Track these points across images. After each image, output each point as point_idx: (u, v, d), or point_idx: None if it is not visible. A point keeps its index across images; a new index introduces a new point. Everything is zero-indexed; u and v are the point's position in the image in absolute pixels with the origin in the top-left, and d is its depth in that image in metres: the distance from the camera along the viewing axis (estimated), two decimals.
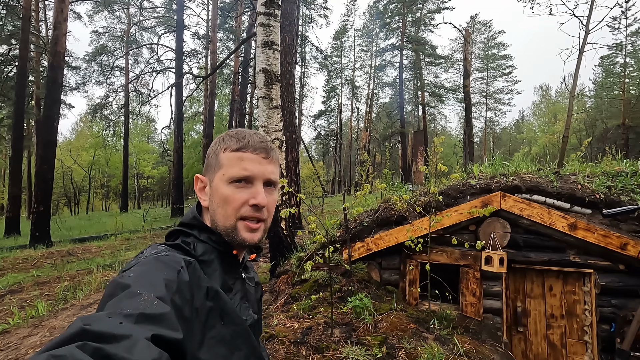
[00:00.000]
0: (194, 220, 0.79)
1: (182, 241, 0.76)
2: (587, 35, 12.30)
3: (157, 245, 0.72)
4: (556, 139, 28.75)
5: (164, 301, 0.55)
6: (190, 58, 25.17)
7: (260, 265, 5.44)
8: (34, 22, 18.99)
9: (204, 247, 0.76)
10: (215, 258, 0.76)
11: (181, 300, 0.59)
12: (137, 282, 0.57)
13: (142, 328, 0.49)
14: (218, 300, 0.69)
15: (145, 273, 0.60)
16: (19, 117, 13.91)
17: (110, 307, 0.52)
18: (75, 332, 0.45)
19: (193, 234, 0.78)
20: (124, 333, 0.46)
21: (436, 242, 3.31)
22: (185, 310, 0.59)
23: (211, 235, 0.77)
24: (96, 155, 32.25)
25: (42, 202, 10.23)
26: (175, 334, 0.52)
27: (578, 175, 3.31)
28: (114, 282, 0.58)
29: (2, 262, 7.74)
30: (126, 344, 0.45)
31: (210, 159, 0.81)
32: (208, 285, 0.68)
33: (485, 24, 35.08)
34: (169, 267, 0.63)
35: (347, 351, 2.24)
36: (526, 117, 48.06)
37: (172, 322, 0.53)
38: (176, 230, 0.80)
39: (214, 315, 0.67)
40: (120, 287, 0.56)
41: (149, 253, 0.69)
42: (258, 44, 3.67)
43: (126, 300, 0.53)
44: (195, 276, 0.66)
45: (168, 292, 0.57)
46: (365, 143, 31.84)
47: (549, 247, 3.18)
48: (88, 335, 0.44)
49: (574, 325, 3.19)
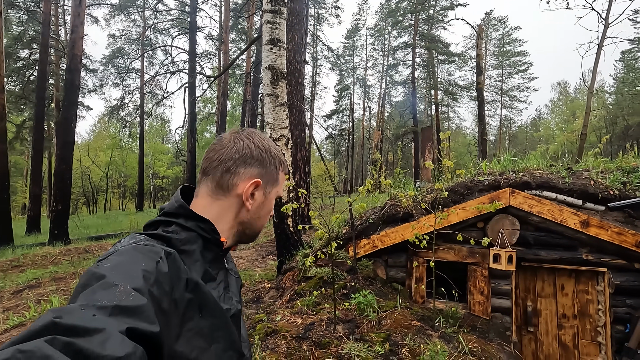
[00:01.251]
0: (180, 209, 0.77)
1: (162, 230, 0.74)
2: (606, 29, 11.91)
3: (136, 234, 0.70)
4: (575, 137, 27.95)
5: (141, 293, 0.53)
6: (203, 59, 25.55)
7: (269, 263, 5.48)
8: (54, 27, 19.60)
9: (188, 235, 0.74)
10: (197, 248, 0.74)
11: (159, 291, 0.58)
12: (113, 272, 0.55)
13: (117, 321, 0.47)
14: (197, 292, 0.67)
15: (122, 263, 0.59)
16: (39, 119, 14.39)
17: (84, 298, 0.50)
18: (44, 325, 0.43)
19: (177, 222, 0.75)
20: (97, 326, 0.44)
21: (443, 239, 3.26)
22: (163, 302, 0.58)
23: (200, 222, 0.75)
24: (113, 156, 33.01)
25: (61, 201, 10.55)
26: (152, 327, 0.51)
27: (591, 171, 3.20)
28: (89, 272, 0.56)
29: (23, 258, 8.02)
30: (99, 338, 0.43)
31: (271, 171, 0.85)
32: (188, 276, 0.66)
33: (500, 20, 34.35)
34: (147, 257, 0.61)
35: (349, 347, 2.23)
36: (543, 115, 46.87)
37: (149, 315, 0.52)
38: (156, 220, 0.77)
39: (193, 308, 0.66)
40: (95, 277, 0.54)
41: (126, 242, 0.67)
42: (264, 41, 3.69)
43: (101, 292, 0.51)
44: (174, 267, 0.65)
45: (146, 283, 0.56)
46: (378, 142, 31.66)
47: (560, 245, 3.09)
48: (58, 329, 0.43)
49: (587, 326, 3.09)
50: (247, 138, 0.83)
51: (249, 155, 0.81)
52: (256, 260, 5.92)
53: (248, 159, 0.81)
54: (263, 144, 0.84)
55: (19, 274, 6.75)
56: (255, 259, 5.97)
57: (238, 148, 0.81)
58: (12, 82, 20.42)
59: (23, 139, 22.46)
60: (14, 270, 7.11)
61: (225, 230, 0.80)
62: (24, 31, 19.74)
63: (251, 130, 0.87)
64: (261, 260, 5.90)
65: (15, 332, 3.64)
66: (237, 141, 0.82)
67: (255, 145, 0.83)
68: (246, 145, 0.82)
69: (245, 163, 0.81)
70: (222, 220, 0.80)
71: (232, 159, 0.80)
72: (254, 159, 0.82)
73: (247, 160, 0.81)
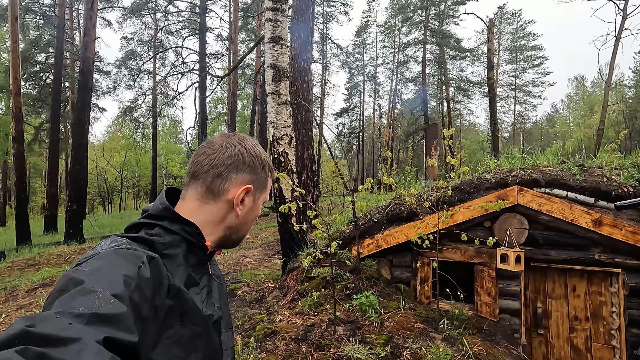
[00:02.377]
0: (165, 212, 0.75)
1: (145, 233, 0.72)
2: (624, 21, 11.49)
3: (118, 237, 0.68)
4: (592, 133, 27.13)
5: (121, 300, 0.51)
6: (213, 59, 25.76)
7: (275, 262, 5.47)
8: (68, 30, 20.06)
9: (172, 238, 0.72)
10: (180, 252, 0.72)
11: (140, 298, 0.56)
12: (92, 277, 0.53)
13: (94, 330, 0.45)
14: (179, 299, 0.65)
15: (102, 268, 0.56)
16: (55, 121, 14.75)
17: (60, 305, 0.48)
18: (16, 334, 0.40)
19: (161, 224, 0.73)
20: (72, 336, 0.42)
21: (449, 239, 3.19)
22: (143, 309, 0.56)
23: (185, 226, 0.74)
24: (127, 156, 33.63)
25: (76, 201, 10.80)
26: (130, 337, 0.48)
27: (604, 168, 3.07)
28: (67, 276, 0.54)
29: (39, 257, 8.24)
30: (74, 348, 0.41)
31: (261, 178, 0.84)
32: (170, 282, 0.64)
33: (514, 14, 33.56)
34: (129, 261, 0.59)
35: (349, 349, 2.19)
36: (559, 110, 45.67)
37: (128, 324, 0.49)
38: (139, 223, 0.76)
39: (173, 315, 0.64)
40: (73, 282, 0.52)
41: (107, 245, 0.64)
42: (266, 39, 3.66)
43: (79, 298, 0.49)
44: (157, 272, 0.62)
45: (126, 289, 0.54)
46: (388, 140, 31.38)
47: (571, 245, 2.98)
48: (31, 338, 0.40)
49: (600, 329, 2.98)
50: (239, 143, 0.82)
51: (240, 161, 0.80)
52: (262, 259, 5.92)
53: (240, 164, 0.80)
54: (254, 150, 0.83)
55: (34, 272, 6.93)
56: (262, 258, 5.98)
57: (230, 153, 0.80)
58: (30, 85, 21.01)
59: (41, 140, 23.10)
60: (30, 269, 7.31)
61: (210, 234, 0.79)
62: (40, 35, 20.27)
63: (242, 136, 0.86)
64: (267, 259, 5.90)
65: None
66: (229, 146, 0.81)
67: (247, 151, 0.82)
68: (238, 150, 0.81)
69: (237, 169, 0.80)
70: (209, 224, 0.78)
71: (224, 164, 0.79)
72: (246, 164, 0.80)
73: (238, 166, 0.80)
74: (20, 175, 11.81)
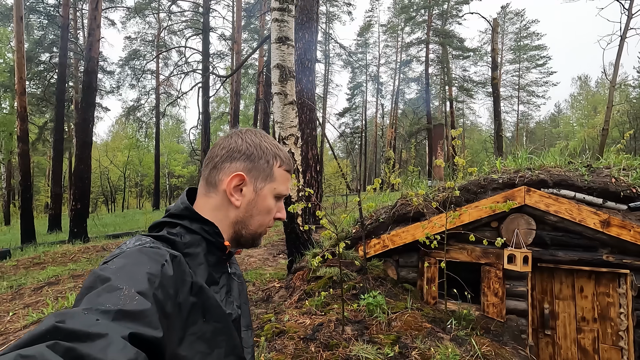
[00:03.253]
0: (186, 211, 0.76)
1: (167, 232, 0.73)
2: (629, 20, 11.43)
3: (142, 236, 0.70)
4: (596, 133, 26.99)
5: (145, 297, 0.52)
6: (216, 59, 25.80)
7: (280, 262, 5.48)
8: (72, 30, 20.14)
9: (192, 238, 0.73)
10: (201, 251, 0.73)
11: (164, 295, 0.57)
12: (118, 275, 0.55)
13: (120, 326, 0.46)
14: (201, 296, 0.67)
15: (127, 266, 0.58)
16: (59, 121, 14.82)
17: (88, 301, 0.50)
18: (47, 330, 0.42)
19: (182, 224, 0.75)
20: (99, 331, 0.44)
21: (456, 239, 3.18)
22: (167, 306, 0.57)
23: (204, 225, 0.75)
24: (130, 156, 33.75)
25: (80, 200, 10.84)
26: (155, 332, 0.50)
27: (612, 169, 3.06)
28: (94, 274, 0.56)
29: (44, 256, 8.29)
30: (101, 344, 0.42)
31: (261, 165, 0.81)
32: (192, 280, 0.66)
33: (517, 14, 33.46)
34: (152, 260, 0.61)
35: (358, 349, 2.20)
36: (563, 110, 45.50)
37: (152, 320, 0.51)
38: (161, 222, 0.77)
39: (196, 312, 0.65)
40: (100, 279, 0.54)
41: (132, 244, 0.66)
42: (272, 39, 3.67)
43: (105, 295, 0.50)
44: (179, 270, 0.64)
45: (150, 286, 0.55)
46: (391, 140, 31.35)
47: (579, 246, 2.97)
48: (60, 334, 0.42)
49: (607, 330, 2.97)
50: (237, 135, 0.83)
51: (235, 150, 0.80)
52: (267, 259, 5.94)
53: (234, 153, 0.80)
54: (253, 138, 0.83)
55: (39, 271, 6.97)
56: (267, 258, 6.00)
57: (225, 145, 0.82)
58: (34, 85, 21.12)
59: (45, 140, 23.23)
60: (35, 268, 7.35)
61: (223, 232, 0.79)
62: (45, 35, 20.38)
63: (248, 129, 0.86)
64: (272, 259, 5.92)
65: (33, 328, 3.75)
66: (227, 139, 0.83)
67: (244, 140, 0.82)
68: (234, 141, 0.82)
69: (231, 158, 0.80)
70: (216, 220, 0.78)
71: (218, 156, 0.81)
72: (240, 152, 0.80)
73: (232, 155, 0.80)
74: (25, 174, 11.87)
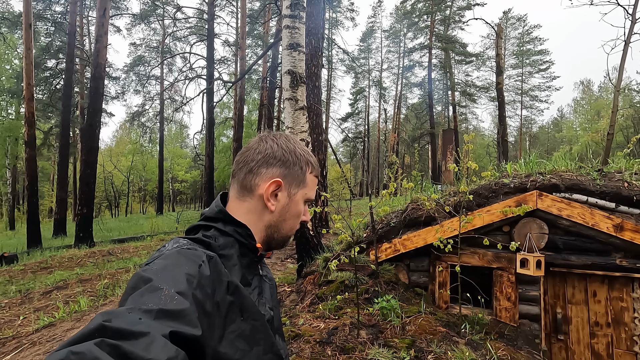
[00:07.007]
0: (220, 214, 0.79)
1: (202, 235, 0.76)
2: (633, 25, 11.44)
3: (179, 238, 0.72)
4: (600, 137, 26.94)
5: (184, 296, 0.55)
6: (221, 65, 26.02)
7: (288, 266, 5.49)
8: (79, 37, 20.37)
9: (225, 240, 0.75)
10: (234, 253, 0.75)
11: (202, 294, 0.59)
12: (158, 275, 0.57)
13: (161, 324, 0.48)
14: (238, 295, 0.68)
15: (167, 267, 0.60)
16: (65, 126, 14.95)
17: (132, 301, 0.52)
18: (94, 328, 0.45)
19: (216, 226, 0.77)
20: (142, 330, 0.46)
21: (467, 243, 3.19)
22: (206, 305, 0.59)
23: (237, 227, 0.77)
24: (134, 161, 33.92)
25: (86, 204, 10.90)
26: (194, 331, 0.52)
27: (624, 173, 3.07)
28: (138, 275, 0.58)
29: (50, 260, 8.33)
30: (144, 342, 0.45)
31: (295, 172, 0.83)
32: (229, 279, 0.68)
33: (519, 19, 33.61)
34: (190, 261, 0.63)
35: (374, 353, 2.20)
36: (566, 115, 45.44)
37: (191, 319, 0.53)
38: (197, 225, 0.80)
39: (234, 310, 0.67)
40: (143, 280, 0.56)
41: (170, 246, 0.69)
42: (284, 46, 3.72)
43: (147, 295, 0.53)
44: (216, 270, 0.66)
45: (189, 286, 0.57)
46: (394, 145, 31.38)
47: (592, 250, 2.97)
48: (107, 332, 0.44)
49: (621, 335, 2.95)
50: (271, 140, 0.84)
51: (271, 155, 0.81)
52: (275, 263, 5.94)
53: (270, 159, 0.81)
54: (287, 144, 0.84)
55: (47, 275, 7.00)
56: (275, 262, 6.00)
57: (261, 149, 0.82)
58: (40, 90, 21.33)
59: (50, 145, 23.42)
60: (42, 272, 7.38)
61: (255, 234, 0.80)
62: (51, 42, 20.61)
63: (279, 133, 0.88)
64: (280, 263, 5.92)
65: (45, 332, 3.77)
66: (261, 143, 0.84)
67: (279, 146, 0.83)
68: (269, 146, 0.83)
69: (267, 163, 0.81)
70: (250, 223, 0.80)
71: (254, 160, 0.81)
72: (276, 159, 0.81)
73: (269, 161, 0.81)
74: (31, 179, 11.96)
